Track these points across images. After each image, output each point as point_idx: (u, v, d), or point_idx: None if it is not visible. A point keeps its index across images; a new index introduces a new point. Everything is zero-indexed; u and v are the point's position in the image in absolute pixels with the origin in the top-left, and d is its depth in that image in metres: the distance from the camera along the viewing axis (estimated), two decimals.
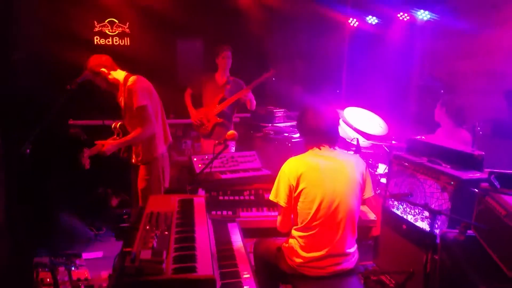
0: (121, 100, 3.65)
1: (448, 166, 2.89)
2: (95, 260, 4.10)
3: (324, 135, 2.62)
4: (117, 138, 3.66)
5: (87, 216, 4.80)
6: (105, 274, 3.79)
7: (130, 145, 3.71)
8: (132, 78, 3.56)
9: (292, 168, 2.56)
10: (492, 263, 2.09)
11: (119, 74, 3.62)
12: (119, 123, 3.70)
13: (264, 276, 2.78)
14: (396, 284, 3.11)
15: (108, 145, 3.46)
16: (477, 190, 2.42)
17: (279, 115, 6.03)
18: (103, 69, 3.54)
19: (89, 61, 3.54)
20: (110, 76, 3.58)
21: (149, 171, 3.68)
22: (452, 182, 2.69)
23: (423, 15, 5.58)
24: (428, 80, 5.71)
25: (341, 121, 4.45)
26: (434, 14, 5.50)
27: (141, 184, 3.71)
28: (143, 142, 3.62)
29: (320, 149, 2.61)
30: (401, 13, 5.90)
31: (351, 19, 6.74)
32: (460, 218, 2.37)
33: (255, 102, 5.00)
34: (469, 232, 2.39)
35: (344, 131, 4.74)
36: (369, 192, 2.71)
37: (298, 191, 2.52)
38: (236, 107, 5.13)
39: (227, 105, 4.89)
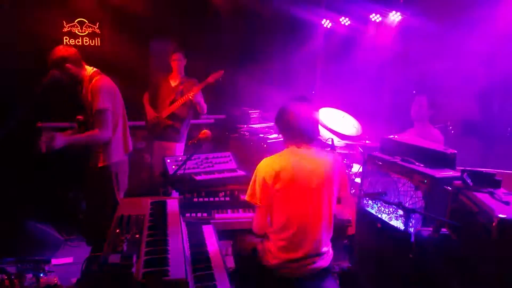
0: (84, 96, 3.48)
1: (421, 165, 2.91)
2: (65, 265, 4.00)
3: (302, 133, 2.59)
4: (79, 131, 3.50)
5: (57, 221, 4.66)
6: (75, 280, 3.69)
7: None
8: (98, 77, 3.42)
9: (267, 167, 2.53)
10: (466, 261, 2.11)
11: (86, 69, 3.47)
12: (83, 117, 3.54)
13: (244, 275, 2.74)
14: (372, 284, 3.11)
15: (60, 138, 3.19)
16: (450, 188, 2.44)
17: (254, 116, 6.00)
18: (68, 64, 3.36)
19: (54, 53, 3.33)
20: (72, 71, 3.40)
21: (102, 176, 3.53)
22: (425, 181, 2.71)
23: (394, 16, 5.66)
24: (400, 81, 5.79)
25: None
26: (405, 15, 5.58)
27: (93, 186, 3.59)
28: (97, 146, 3.47)
29: (297, 147, 2.59)
30: (373, 14, 5.98)
31: (324, 20, 6.78)
32: (434, 216, 2.39)
33: (205, 105, 4.90)
34: (443, 230, 2.41)
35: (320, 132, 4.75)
36: (346, 190, 2.70)
37: (274, 190, 2.49)
38: (192, 110, 5.03)
39: (177, 107, 4.81)
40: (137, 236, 1.96)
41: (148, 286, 1.54)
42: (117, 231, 1.99)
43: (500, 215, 1.88)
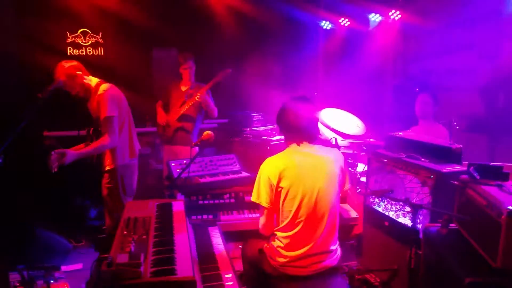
0: (91, 107, 3.61)
1: (427, 161, 2.90)
2: (75, 272, 3.99)
3: (302, 131, 2.59)
4: (90, 143, 3.57)
5: (65, 228, 4.67)
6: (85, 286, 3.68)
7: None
8: (103, 86, 3.52)
9: (271, 167, 2.52)
10: (476, 255, 2.09)
11: (91, 80, 3.59)
12: (92, 128, 3.62)
13: (252, 278, 2.73)
14: (381, 282, 3.09)
15: (70, 154, 3.26)
16: (457, 182, 2.42)
17: (257, 119, 6.01)
18: (79, 72, 3.49)
19: (61, 66, 3.46)
20: (85, 80, 3.54)
21: (109, 179, 3.64)
22: (432, 176, 2.69)
23: (394, 15, 5.65)
24: (402, 80, 5.78)
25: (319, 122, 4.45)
26: (405, 14, 5.57)
27: (103, 191, 3.68)
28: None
29: (299, 145, 2.58)
30: (373, 14, 5.98)
31: (324, 21, 6.79)
32: (442, 211, 2.37)
33: (215, 108, 4.89)
34: (452, 225, 2.39)
35: (322, 131, 4.73)
36: (347, 184, 2.70)
37: (279, 189, 2.48)
38: (201, 113, 5.02)
39: (186, 108, 4.82)
40: (144, 237, 1.95)
41: (156, 285, 1.53)
42: (125, 232, 1.98)
43: (510, 207, 1.87)
